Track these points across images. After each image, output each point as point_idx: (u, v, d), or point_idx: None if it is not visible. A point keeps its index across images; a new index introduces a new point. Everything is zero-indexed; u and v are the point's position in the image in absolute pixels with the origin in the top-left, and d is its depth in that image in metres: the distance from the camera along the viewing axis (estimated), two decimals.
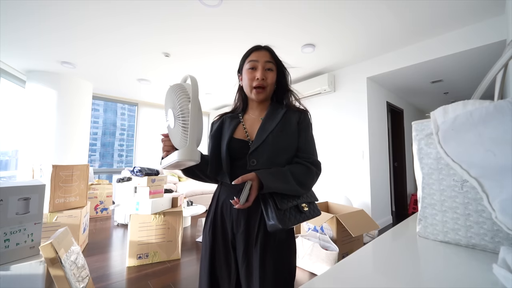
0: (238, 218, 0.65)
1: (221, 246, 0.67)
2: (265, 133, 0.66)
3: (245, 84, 0.72)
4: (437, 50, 2.15)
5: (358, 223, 1.75)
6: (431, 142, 0.45)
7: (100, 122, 11.98)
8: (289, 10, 1.76)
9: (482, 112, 0.35)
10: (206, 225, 0.72)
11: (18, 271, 0.90)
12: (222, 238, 0.68)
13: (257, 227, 0.64)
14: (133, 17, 1.89)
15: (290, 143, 0.67)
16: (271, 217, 0.58)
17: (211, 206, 0.73)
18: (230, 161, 0.67)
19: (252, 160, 0.64)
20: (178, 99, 0.56)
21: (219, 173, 0.68)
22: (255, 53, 0.70)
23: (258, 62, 0.69)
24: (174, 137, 0.60)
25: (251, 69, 0.69)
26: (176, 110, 0.56)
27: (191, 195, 3.54)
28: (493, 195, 0.34)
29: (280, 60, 0.74)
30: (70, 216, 1.91)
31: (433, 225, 0.45)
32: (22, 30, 2.09)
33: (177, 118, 0.56)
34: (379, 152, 2.86)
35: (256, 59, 0.69)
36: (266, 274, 0.60)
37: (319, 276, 0.35)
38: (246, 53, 0.73)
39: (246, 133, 0.70)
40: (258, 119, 0.73)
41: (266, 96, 0.72)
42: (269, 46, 0.74)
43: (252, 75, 0.69)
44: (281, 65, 0.74)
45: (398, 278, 0.34)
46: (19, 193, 0.95)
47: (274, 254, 0.63)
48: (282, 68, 0.74)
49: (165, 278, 1.65)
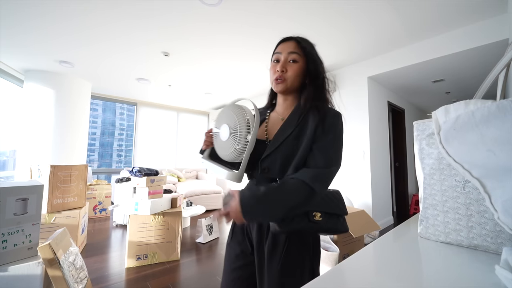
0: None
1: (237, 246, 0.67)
2: (281, 137, 0.61)
3: (270, 78, 0.68)
4: (439, 49, 2.14)
5: (359, 223, 1.75)
6: (433, 142, 0.45)
7: (99, 122, 11.95)
8: (289, 9, 1.76)
9: (484, 112, 0.35)
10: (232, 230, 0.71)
11: (16, 272, 0.89)
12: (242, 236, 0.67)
13: (266, 234, 0.62)
14: (132, 16, 1.88)
15: (301, 155, 0.58)
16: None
17: None
18: (251, 161, 0.63)
19: (264, 167, 0.61)
20: (239, 124, 0.62)
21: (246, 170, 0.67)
22: (281, 45, 0.66)
23: (281, 54, 0.64)
24: (222, 148, 0.67)
25: (275, 62, 0.66)
26: (235, 131, 0.63)
27: (190, 196, 3.53)
28: (495, 195, 0.34)
29: (311, 51, 0.65)
30: (69, 217, 1.90)
31: (435, 226, 0.45)
32: (20, 29, 2.08)
33: (233, 137, 0.63)
34: (380, 152, 2.86)
35: (280, 51, 0.65)
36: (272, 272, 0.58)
37: (320, 277, 0.35)
38: (275, 46, 0.69)
39: (265, 133, 0.67)
40: (279, 118, 0.68)
41: (285, 88, 0.64)
42: (300, 37, 0.67)
43: (274, 69, 0.65)
44: (312, 56, 0.64)
45: (400, 279, 0.33)
46: (17, 193, 0.94)
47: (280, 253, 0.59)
48: (313, 59, 0.64)
49: (165, 279, 1.64)
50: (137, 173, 2.05)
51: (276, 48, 0.68)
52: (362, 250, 0.43)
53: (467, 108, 0.37)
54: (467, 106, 0.37)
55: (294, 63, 0.63)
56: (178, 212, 1.99)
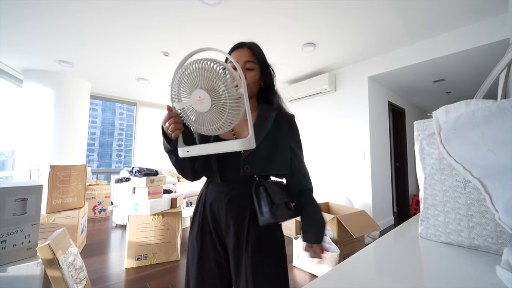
0: (227, 220, 0.65)
1: (211, 248, 0.66)
2: (258, 138, 0.62)
3: None
4: (440, 48, 2.14)
5: (359, 224, 1.75)
6: (433, 142, 0.44)
7: (98, 122, 11.92)
8: (290, 8, 1.76)
9: (485, 112, 0.35)
10: (193, 228, 0.70)
11: (15, 272, 0.89)
12: (211, 240, 0.67)
13: (247, 228, 0.64)
14: (132, 16, 1.88)
15: (283, 154, 0.67)
16: (265, 211, 0.59)
17: (198, 208, 0.71)
18: (217, 161, 0.66)
19: (246, 166, 0.64)
20: (220, 79, 0.48)
21: (207, 170, 0.67)
22: (235, 53, 0.69)
23: (237, 63, 0.67)
24: (205, 122, 0.52)
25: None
26: (217, 93, 0.49)
27: (190, 196, 3.53)
28: (496, 195, 0.34)
29: (264, 58, 0.70)
30: (68, 217, 1.89)
31: (436, 226, 0.45)
32: (20, 29, 2.07)
33: (218, 100, 0.49)
34: (380, 152, 2.86)
35: (236, 59, 0.67)
36: (259, 276, 0.61)
37: (320, 278, 0.35)
38: (228, 52, 0.69)
39: (233, 133, 0.69)
40: (244, 119, 0.70)
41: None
42: (252, 43, 0.70)
43: None
44: (266, 63, 0.70)
45: (400, 280, 0.33)
46: (16, 193, 0.94)
47: (268, 255, 0.63)
48: (266, 67, 0.71)
49: (164, 279, 1.64)
50: (137, 173, 2.05)
51: (230, 55, 0.68)
52: (363, 250, 0.43)
53: (468, 108, 0.37)
54: (468, 106, 0.37)
55: (251, 71, 0.68)
56: (178, 212, 1.99)
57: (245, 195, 0.64)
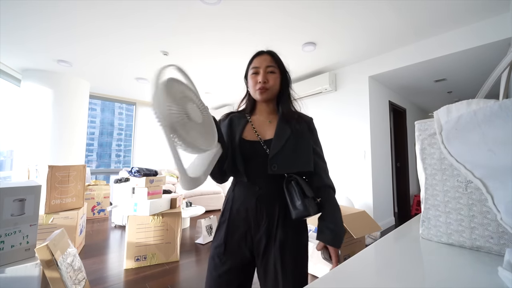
0: (257, 219, 0.67)
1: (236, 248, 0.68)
2: (284, 137, 0.69)
3: (250, 89, 0.77)
4: (441, 48, 2.14)
5: (360, 224, 1.74)
6: (435, 142, 0.44)
7: (98, 122, 11.91)
8: (290, 8, 1.76)
9: (486, 112, 0.34)
10: (220, 232, 0.71)
11: (13, 273, 0.88)
12: (237, 242, 0.68)
13: (275, 227, 0.66)
14: (131, 15, 1.87)
15: (306, 152, 0.71)
16: (298, 204, 0.62)
17: (225, 212, 0.72)
18: (243, 161, 0.70)
19: (273, 165, 0.66)
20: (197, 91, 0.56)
21: (233, 170, 0.70)
22: (257, 59, 0.74)
23: (259, 68, 0.73)
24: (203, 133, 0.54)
25: (254, 74, 0.74)
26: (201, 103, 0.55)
27: (190, 196, 3.52)
28: (498, 196, 0.34)
29: (283, 64, 0.76)
30: (67, 218, 1.89)
31: (437, 226, 0.44)
32: (18, 28, 2.06)
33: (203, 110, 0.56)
34: (381, 152, 2.85)
35: (258, 65, 0.73)
36: (287, 273, 0.63)
37: (321, 278, 0.34)
38: (250, 60, 0.77)
39: (256, 134, 0.73)
40: (266, 121, 0.76)
41: (269, 96, 0.74)
42: (272, 51, 0.76)
43: (255, 80, 0.73)
44: (284, 69, 0.76)
45: (401, 281, 0.33)
46: (14, 194, 0.94)
47: (293, 251, 0.66)
48: (285, 72, 0.77)
49: (164, 280, 1.63)
50: (136, 173, 2.04)
51: (252, 61, 0.76)
52: (363, 251, 0.43)
53: (469, 108, 0.36)
54: (469, 105, 0.37)
55: (273, 74, 0.73)
56: (177, 213, 1.98)
57: (273, 194, 0.67)
